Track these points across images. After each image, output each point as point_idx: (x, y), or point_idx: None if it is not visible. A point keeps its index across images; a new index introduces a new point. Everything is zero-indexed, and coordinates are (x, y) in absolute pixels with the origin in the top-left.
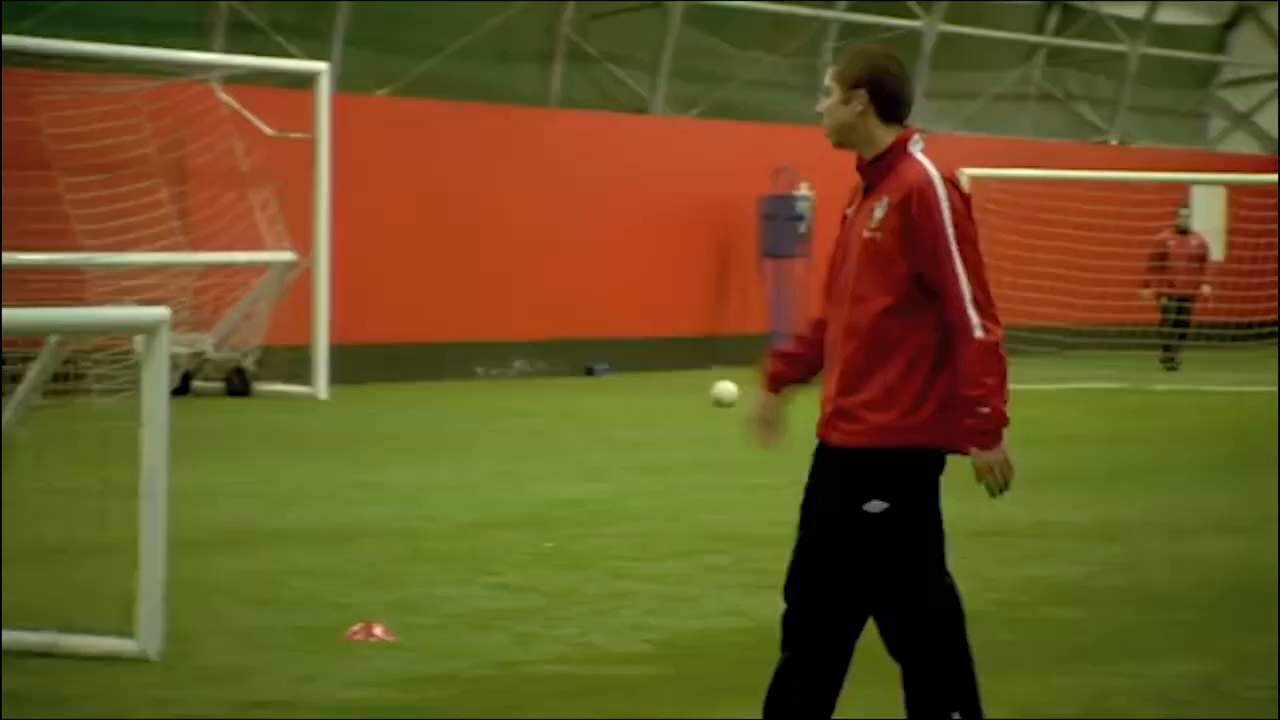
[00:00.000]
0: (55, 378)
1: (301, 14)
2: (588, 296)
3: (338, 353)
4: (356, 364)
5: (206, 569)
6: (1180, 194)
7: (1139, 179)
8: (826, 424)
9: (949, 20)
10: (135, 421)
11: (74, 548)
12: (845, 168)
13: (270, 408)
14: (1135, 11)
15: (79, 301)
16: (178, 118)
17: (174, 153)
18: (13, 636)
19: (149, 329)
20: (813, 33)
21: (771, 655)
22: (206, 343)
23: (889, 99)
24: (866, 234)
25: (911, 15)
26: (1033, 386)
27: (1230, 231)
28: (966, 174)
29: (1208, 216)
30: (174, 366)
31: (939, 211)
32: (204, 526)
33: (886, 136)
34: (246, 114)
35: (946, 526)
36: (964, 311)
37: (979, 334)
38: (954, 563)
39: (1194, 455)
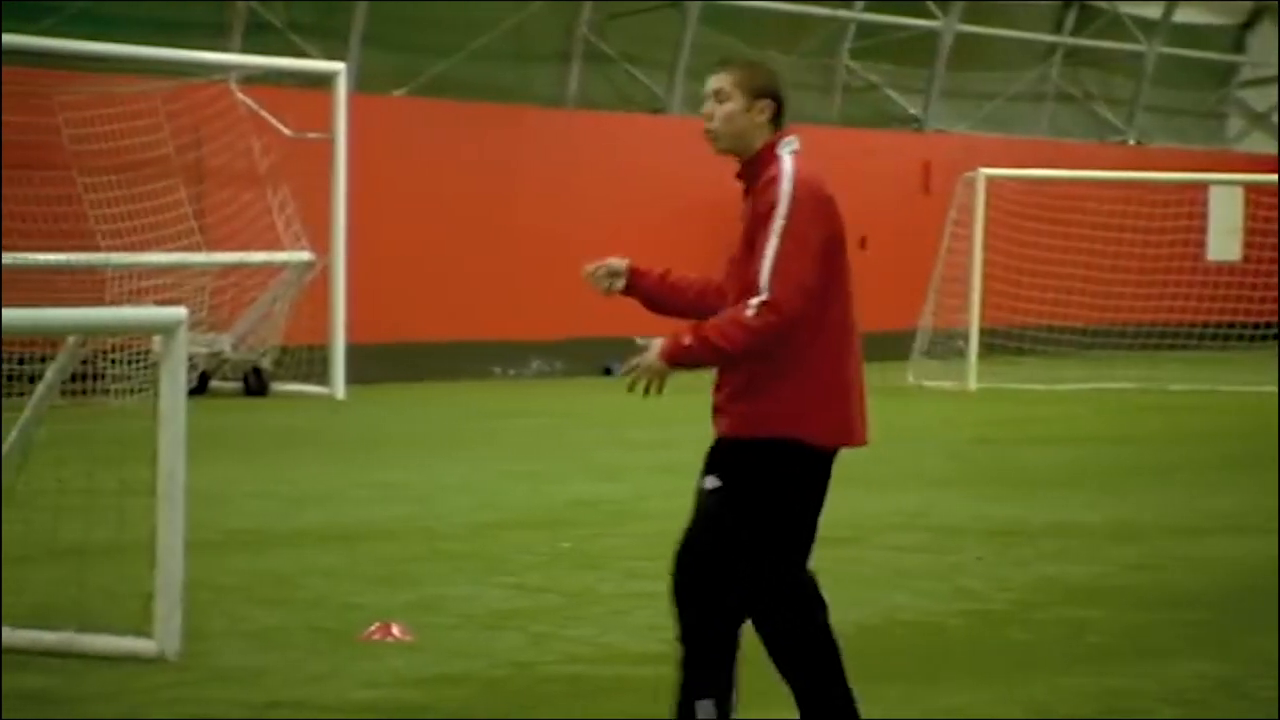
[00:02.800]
0: (74, 377)
1: (319, 14)
2: (605, 296)
3: (354, 352)
4: (373, 364)
5: (223, 569)
6: (1199, 193)
7: (1157, 179)
8: (712, 419)
9: (966, 20)
10: (153, 421)
11: (92, 547)
12: (860, 167)
13: (287, 408)
14: (1153, 11)
15: (97, 301)
16: (196, 118)
17: (192, 153)
18: (30, 636)
19: (167, 329)
20: (830, 32)
21: None
22: (224, 342)
23: (782, 108)
24: (738, 238)
25: (929, 15)
26: (1049, 387)
27: (1248, 231)
28: (984, 174)
29: (1225, 217)
30: (192, 366)
31: (777, 203)
32: (221, 526)
33: (764, 140)
34: (264, 114)
35: (958, 526)
36: (756, 286)
37: (749, 312)
38: (969, 563)
39: (1208, 455)
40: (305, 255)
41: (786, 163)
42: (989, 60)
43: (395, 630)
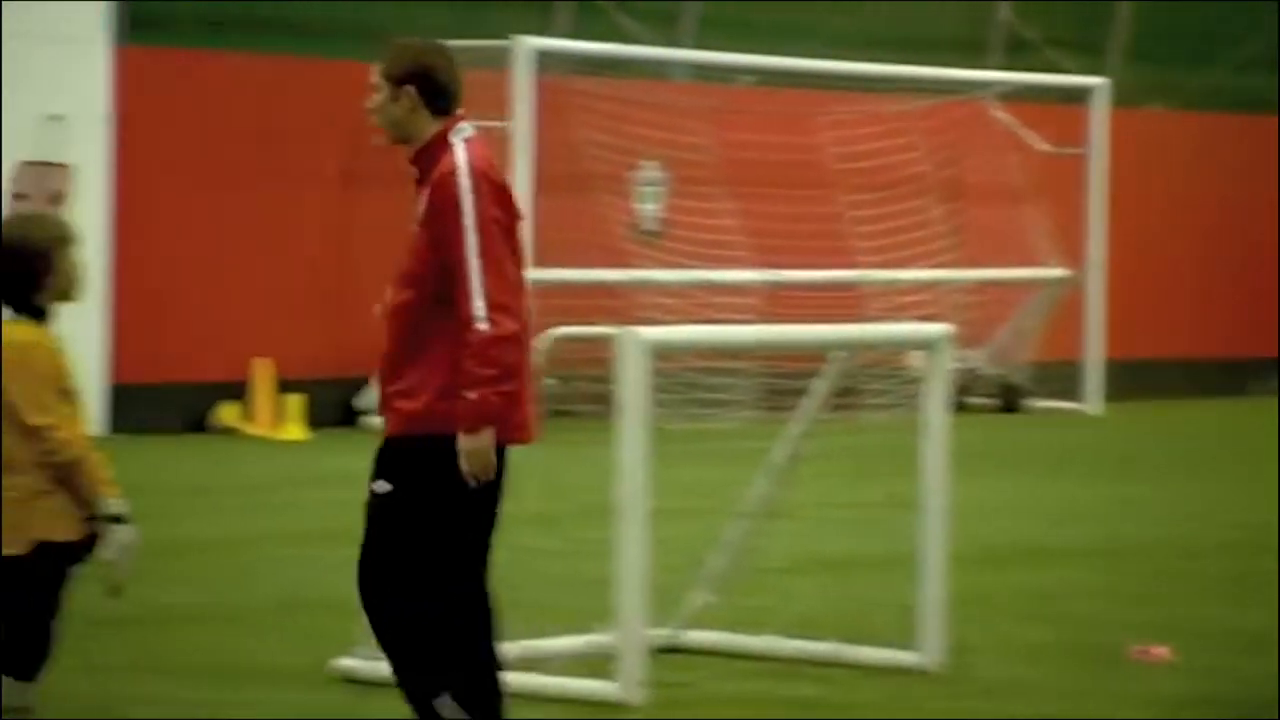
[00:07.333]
0: (837, 393)
1: (1079, 27)
2: None
3: (1110, 368)
4: (1129, 379)
5: (984, 583)
6: None
7: None
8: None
9: None
10: (913, 437)
11: (857, 560)
12: None
13: (1042, 423)
14: None
15: (854, 318)
16: (953, 135)
17: (948, 170)
18: (799, 645)
19: (931, 345)
20: None
21: None
22: (978, 359)
23: (436, 92)
24: (413, 226)
25: None
26: None
27: None
28: None
29: None
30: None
31: (460, 200)
32: (981, 541)
33: (433, 128)
34: (1020, 130)
35: None
36: (471, 302)
37: (482, 326)
38: None
39: None
40: (1060, 271)
41: (460, 153)
42: None
43: (1158, 651)
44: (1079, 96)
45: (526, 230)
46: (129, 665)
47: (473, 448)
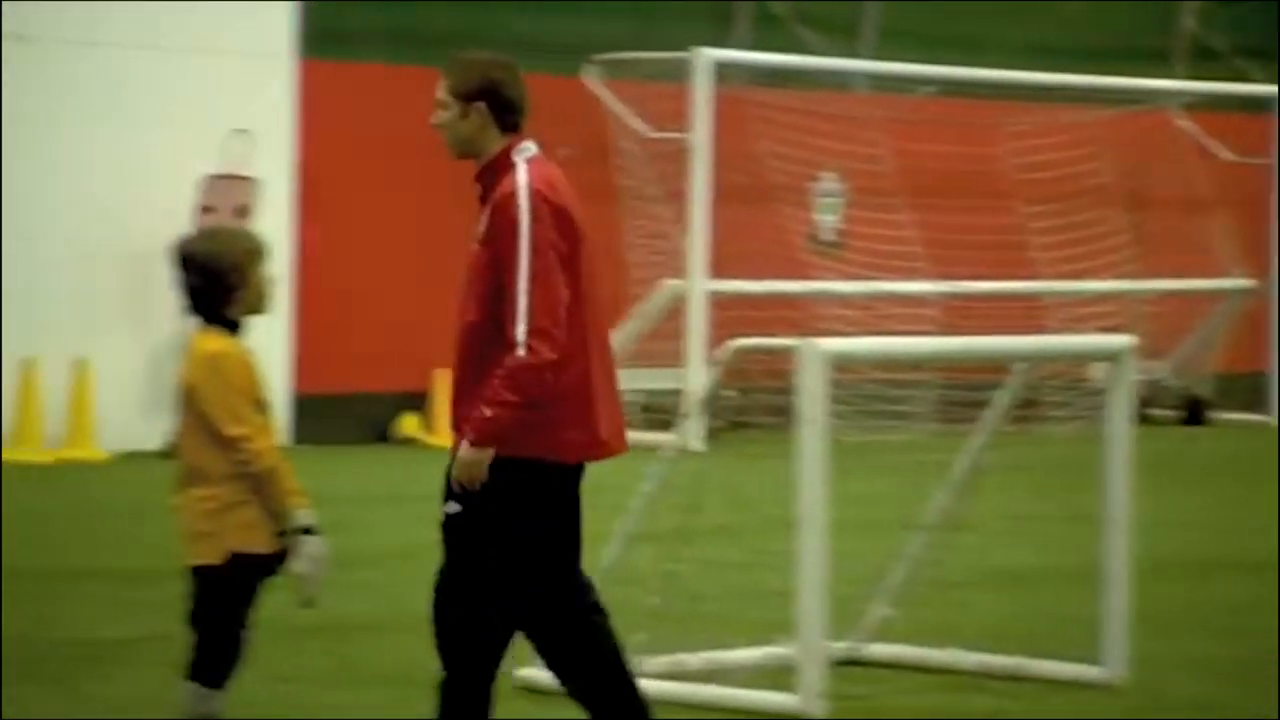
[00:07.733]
0: (1019, 405)
1: (1263, 35)
2: None
3: None
4: None
5: (1168, 597)
6: None
7: None
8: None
9: None
10: (1093, 449)
11: (1038, 573)
12: None
13: (1226, 436)
14: None
15: (1034, 329)
16: (1136, 145)
17: (1130, 180)
18: (980, 659)
19: (1114, 356)
20: None
21: None
22: (1161, 370)
23: (506, 108)
24: (473, 246)
25: None
26: None
27: None
28: None
29: None
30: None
31: (516, 221)
32: (1163, 554)
33: (498, 145)
34: (1204, 139)
35: None
36: (516, 325)
37: (520, 352)
38: None
39: None
40: (1245, 281)
41: (521, 172)
42: None
43: None
44: (1264, 105)
45: (706, 241)
46: (315, 674)
47: (470, 459)
